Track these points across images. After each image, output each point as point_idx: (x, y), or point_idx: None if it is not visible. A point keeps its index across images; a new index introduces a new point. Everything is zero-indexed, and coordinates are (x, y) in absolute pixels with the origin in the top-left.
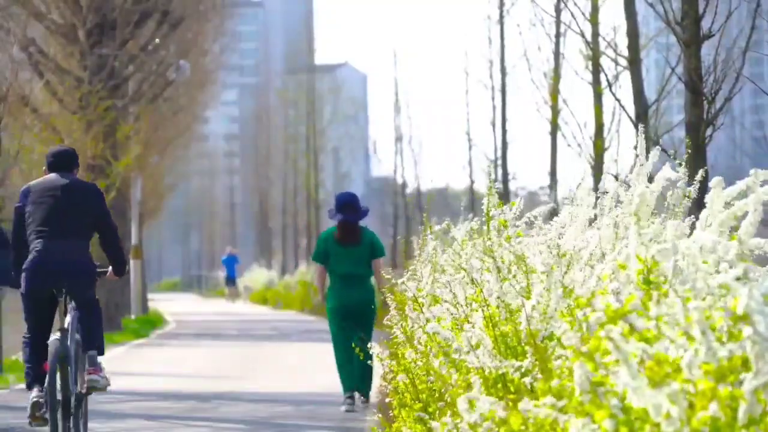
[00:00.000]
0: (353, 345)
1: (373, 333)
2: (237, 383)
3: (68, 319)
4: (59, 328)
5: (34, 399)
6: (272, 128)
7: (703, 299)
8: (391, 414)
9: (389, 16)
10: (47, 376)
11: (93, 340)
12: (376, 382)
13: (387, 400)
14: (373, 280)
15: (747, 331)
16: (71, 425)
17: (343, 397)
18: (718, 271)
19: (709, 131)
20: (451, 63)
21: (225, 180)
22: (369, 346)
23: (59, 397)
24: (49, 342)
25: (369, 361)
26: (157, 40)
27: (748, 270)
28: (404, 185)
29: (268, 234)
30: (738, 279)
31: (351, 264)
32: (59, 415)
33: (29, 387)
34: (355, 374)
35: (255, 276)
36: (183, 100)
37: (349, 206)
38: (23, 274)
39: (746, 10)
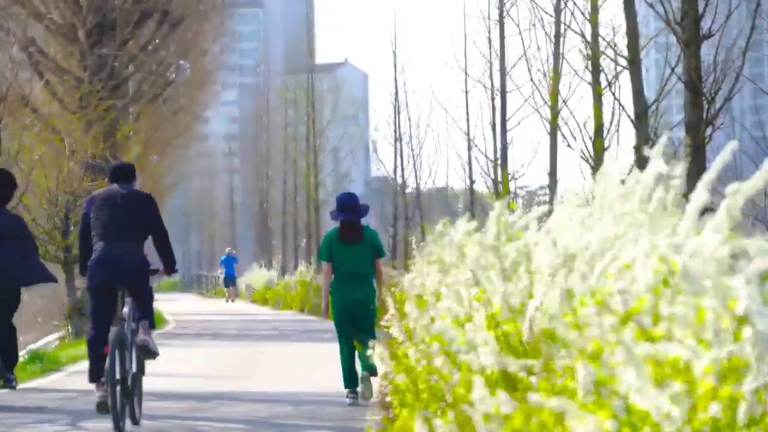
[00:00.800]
0: (356, 343)
1: (375, 329)
2: (237, 383)
3: (126, 309)
4: (118, 317)
5: (100, 397)
6: (272, 128)
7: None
8: (391, 413)
9: (389, 16)
10: (108, 358)
11: (146, 315)
12: (376, 381)
13: (388, 399)
14: (375, 278)
15: (747, 331)
16: (128, 403)
17: (347, 394)
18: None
19: (708, 131)
20: (451, 63)
21: (225, 180)
22: (372, 344)
23: (118, 376)
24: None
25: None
26: (157, 40)
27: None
28: (404, 185)
29: (268, 234)
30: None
31: (354, 262)
32: (118, 392)
33: (92, 378)
34: (358, 370)
35: (255, 276)
36: (183, 100)
37: (349, 206)
38: (88, 270)
39: (746, 10)
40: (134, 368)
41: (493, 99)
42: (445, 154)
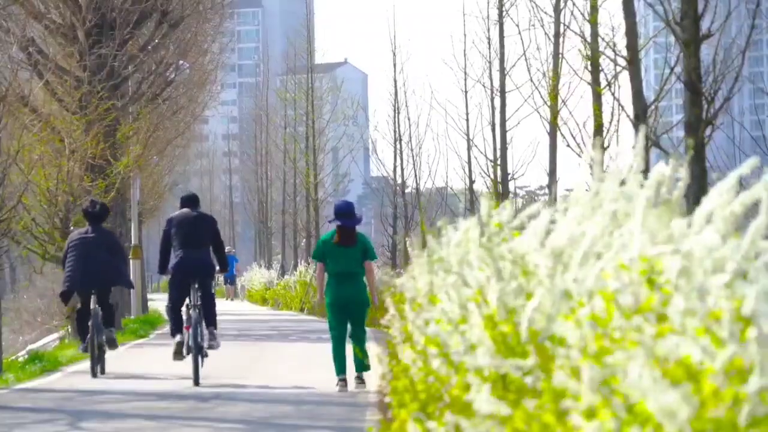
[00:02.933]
0: (354, 348)
1: (365, 323)
2: (237, 383)
3: (195, 299)
4: (192, 304)
5: (178, 341)
6: (271, 128)
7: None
8: (390, 414)
9: (389, 16)
10: (189, 332)
11: (211, 321)
12: (376, 381)
13: (386, 400)
14: (365, 278)
15: (753, 332)
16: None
17: (336, 380)
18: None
19: (708, 131)
20: (450, 63)
21: (224, 179)
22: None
23: (192, 344)
24: (189, 313)
25: (364, 347)
26: (156, 40)
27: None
28: (404, 185)
29: (267, 234)
30: (743, 279)
31: (346, 263)
32: (194, 353)
33: (173, 335)
34: (348, 361)
35: (255, 276)
36: (182, 100)
37: (346, 213)
38: (171, 270)
39: (745, 9)
40: (206, 341)
41: (492, 99)
42: (445, 154)
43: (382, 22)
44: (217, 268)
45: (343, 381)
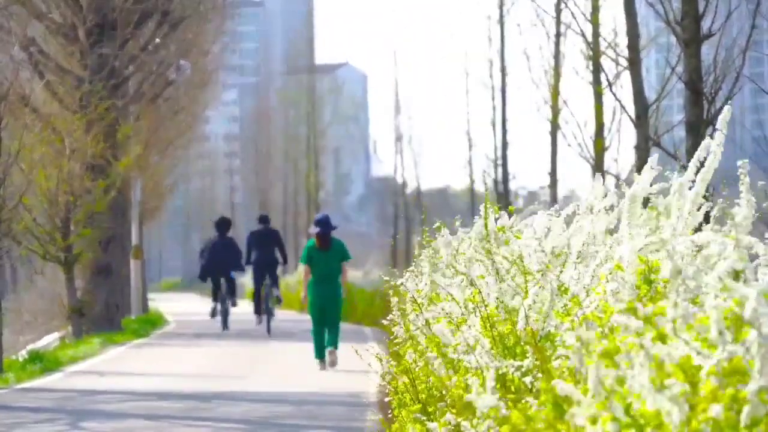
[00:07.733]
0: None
1: (339, 317)
2: (237, 383)
3: (267, 281)
4: (264, 284)
5: (258, 321)
6: (272, 128)
7: (695, 300)
8: (390, 414)
9: (389, 16)
10: (263, 297)
11: (275, 288)
12: (377, 381)
13: (387, 399)
14: (341, 277)
15: (752, 333)
16: (271, 320)
17: (317, 362)
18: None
19: (709, 131)
20: (451, 63)
21: (225, 180)
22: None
23: (265, 309)
24: (264, 290)
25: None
26: (157, 40)
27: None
28: (404, 185)
29: None
30: (736, 278)
31: (326, 265)
32: (267, 316)
33: (255, 312)
34: (326, 342)
35: None
36: (183, 100)
37: (322, 223)
38: (251, 264)
39: (746, 9)
40: (270, 306)
41: (493, 99)
42: (446, 154)
43: (383, 22)
44: (280, 261)
45: (322, 363)
